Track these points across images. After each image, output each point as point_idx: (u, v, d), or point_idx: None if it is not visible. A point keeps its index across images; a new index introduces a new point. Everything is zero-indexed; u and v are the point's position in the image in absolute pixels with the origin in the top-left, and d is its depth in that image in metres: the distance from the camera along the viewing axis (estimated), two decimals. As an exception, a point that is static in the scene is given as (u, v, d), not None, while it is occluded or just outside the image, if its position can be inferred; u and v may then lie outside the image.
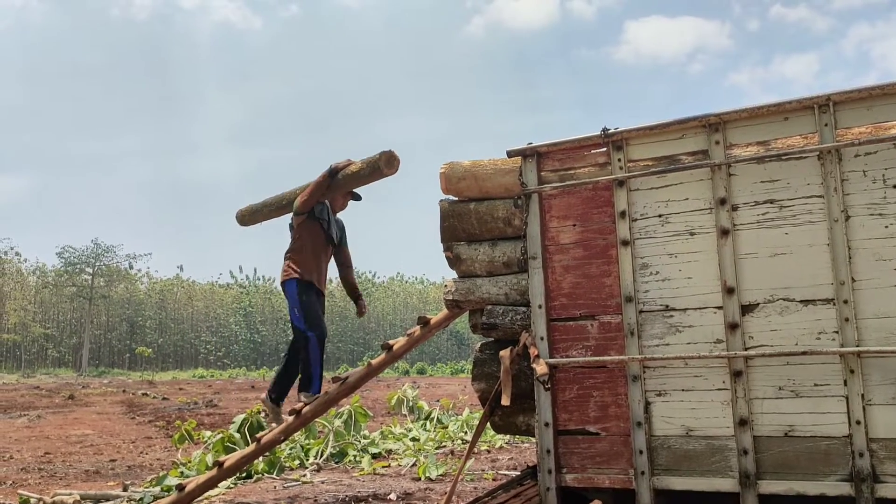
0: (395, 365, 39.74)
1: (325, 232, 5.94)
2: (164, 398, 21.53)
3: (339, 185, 5.80)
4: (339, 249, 6.18)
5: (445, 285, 4.37)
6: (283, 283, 5.93)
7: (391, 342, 5.54)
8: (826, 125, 3.37)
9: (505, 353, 3.98)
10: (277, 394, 5.97)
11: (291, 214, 5.93)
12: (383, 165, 5.54)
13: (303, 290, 5.81)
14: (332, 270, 6.31)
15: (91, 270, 53.51)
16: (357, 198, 6.12)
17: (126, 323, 57.45)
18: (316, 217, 5.87)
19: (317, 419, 8.07)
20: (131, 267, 55.93)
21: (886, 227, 3.24)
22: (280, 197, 6.37)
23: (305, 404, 5.55)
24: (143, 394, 22.63)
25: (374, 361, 5.60)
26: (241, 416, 9.65)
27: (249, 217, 6.78)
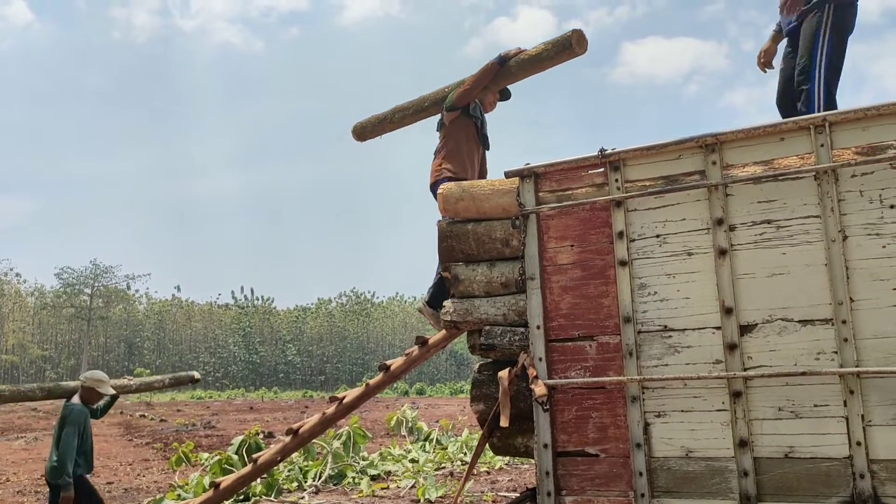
0: (394, 385, 39.61)
1: (479, 131, 5.59)
2: (161, 420, 21.42)
3: (510, 74, 5.34)
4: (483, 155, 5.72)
5: (444, 306, 4.36)
6: (433, 185, 5.39)
7: (389, 362, 5.52)
8: (822, 145, 3.38)
9: (503, 374, 3.96)
10: (431, 297, 5.54)
11: (443, 111, 5.53)
12: (575, 43, 4.97)
13: None
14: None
15: (89, 291, 53.48)
16: (507, 96, 5.72)
17: (124, 344, 57.31)
18: (470, 114, 5.52)
19: (315, 440, 8.04)
20: (129, 287, 55.94)
21: (884, 246, 3.24)
22: (420, 99, 5.90)
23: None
24: (141, 415, 22.52)
25: (371, 382, 5.58)
26: (240, 438, 9.61)
27: (374, 127, 6.22)
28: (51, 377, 51.79)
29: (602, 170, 3.90)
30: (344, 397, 5.58)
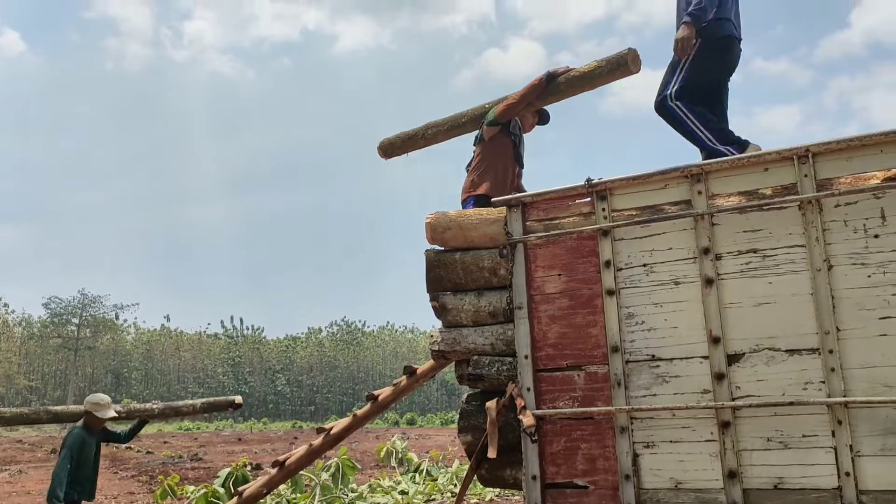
0: (385, 416, 39.28)
1: (516, 149, 5.43)
2: (148, 452, 21.14)
3: (557, 92, 5.20)
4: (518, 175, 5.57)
5: (431, 335, 4.34)
6: (465, 201, 5.28)
7: (376, 392, 5.48)
8: (806, 176, 3.40)
9: (491, 405, 3.93)
10: None
11: (482, 126, 5.38)
12: (631, 62, 4.85)
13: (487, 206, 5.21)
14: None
15: (77, 321, 53.04)
16: (545, 119, 5.60)
17: (111, 374, 56.75)
18: (510, 131, 5.37)
19: (303, 472, 7.92)
20: (118, 317, 55.52)
21: (869, 276, 3.25)
22: (457, 115, 5.73)
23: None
24: (127, 447, 22.21)
25: (359, 412, 5.53)
26: (227, 470, 9.49)
27: (404, 143, 6.04)
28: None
29: (589, 199, 3.91)
30: (331, 428, 5.52)
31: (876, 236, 3.26)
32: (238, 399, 6.68)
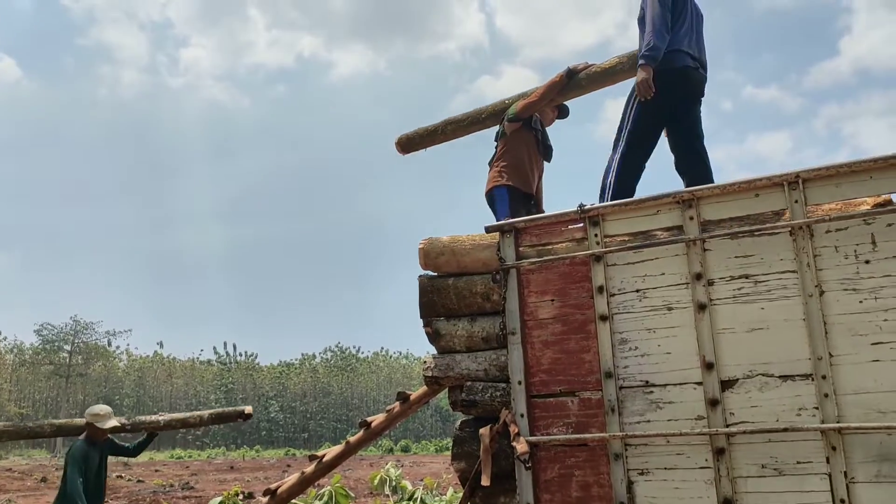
0: (378, 442, 38.96)
1: (540, 143, 5.52)
2: (139, 480, 20.89)
3: (578, 87, 5.24)
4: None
5: (424, 361, 4.32)
6: (490, 192, 5.37)
7: (369, 419, 5.45)
8: (796, 201, 3.42)
9: (484, 432, 3.91)
10: None
11: (503, 122, 5.47)
12: None
13: (515, 199, 5.31)
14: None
15: (69, 348, 52.67)
16: (565, 114, 5.65)
17: (103, 401, 56.19)
18: (531, 126, 5.47)
19: (296, 501, 7.83)
20: (110, 344, 55.17)
21: (861, 301, 3.26)
22: (477, 111, 5.79)
23: None
24: (118, 476, 21.93)
25: (352, 439, 5.49)
26: (218, 499, 9.39)
27: (423, 139, 6.06)
28: (26, 436, 50.57)
29: (581, 225, 3.92)
30: (324, 455, 5.48)
31: (867, 262, 3.28)
32: (248, 409, 6.49)
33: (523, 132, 5.42)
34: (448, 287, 4.24)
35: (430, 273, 4.38)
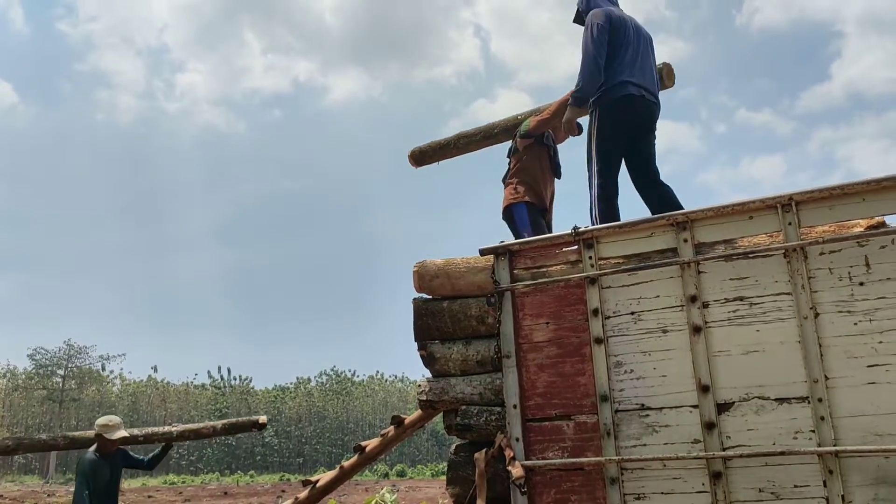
0: (374, 467, 38.62)
1: (552, 160, 5.49)
2: (131, 506, 20.64)
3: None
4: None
5: (419, 385, 4.30)
6: (507, 209, 5.35)
7: (364, 444, 5.40)
8: (790, 224, 3.43)
9: (479, 456, 3.88)
10: None
11: (515, 138, 5.47)
12: (665, 76, 4.96)
13: (533, 214, 5.30)
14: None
15: (62, 372, 52.30)
16: (579, 130, 5.41)
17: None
18: (544, 142, 5.44)
19: (288, 527, 7.73)
20: (104, 368, 54.79)
21: (856, 324, 3.26)
22: (489, 126, 5.76)
23: None
24: None
25: (346, 464, 5.44)
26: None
27: (435, 152, 6.06)
28: (19, 462, 50.06)
29: (576, 247, 3.92)
30: (317, 481, 5.42)
31: (861, 284, 3.28)
32: (262, 419, 6.29)
33: (536, 148, 5.42)
34: (443, 310, 4.23)
35: (425, 296, 4.37)
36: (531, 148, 5.41)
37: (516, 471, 3.70)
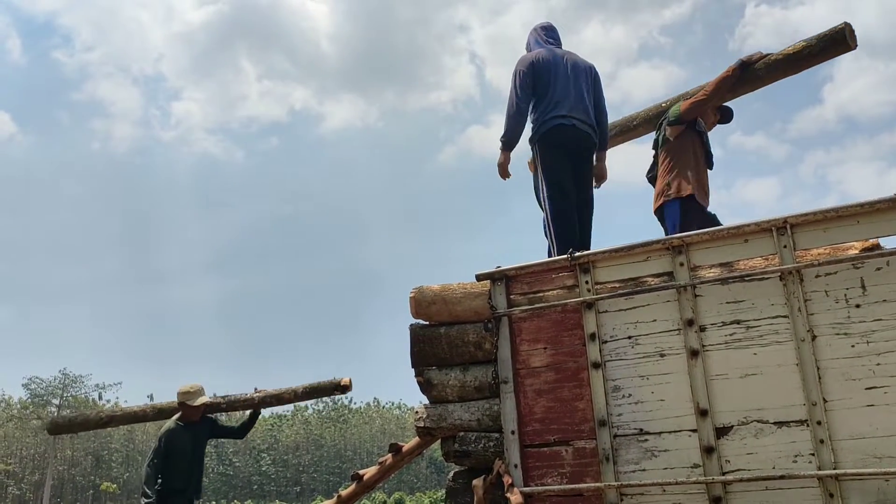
0: (372, 495, 38.28)
1: (706, 148, 5.00)
2: (126, 537, 20.41)
3: (755, 79, 4.77)
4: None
5: (416, 412, 4.27)
6: (662, 207, 4.89)
7: (361, 472, 5.35)
8: (785, 247, 3.44)
9: (478, 483, 3.84)
10: None
11: (663, 126, 5.01)
12: (849, 36, 4.43)
13: (692, 212, 4.78)
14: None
15: (58, 402, 51.92)
16: (728, 117, 5.18)
17: (91, 457, 55.22)
18: (696, 129, 4.95)
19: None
20: (101, 397, 54.42)
21: (853, 346, 3.25)
22: (627, 118, 5.33)
23: None
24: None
25: (343, 493, 5.38)
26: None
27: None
28: (13, 494, 49.50)
29: (572, 272, 3.93)
30: (315, 510, 5.36)
31: (857, 306, 3.28)
32: (345, 380, 5.99)
33: (688, 135, 4.92)
34: (440, 336, 4.22)
35: (422, 322, 4.36)
36: (683, 136, 4.91)
37: (515, 497, 3.67)
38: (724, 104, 5.16)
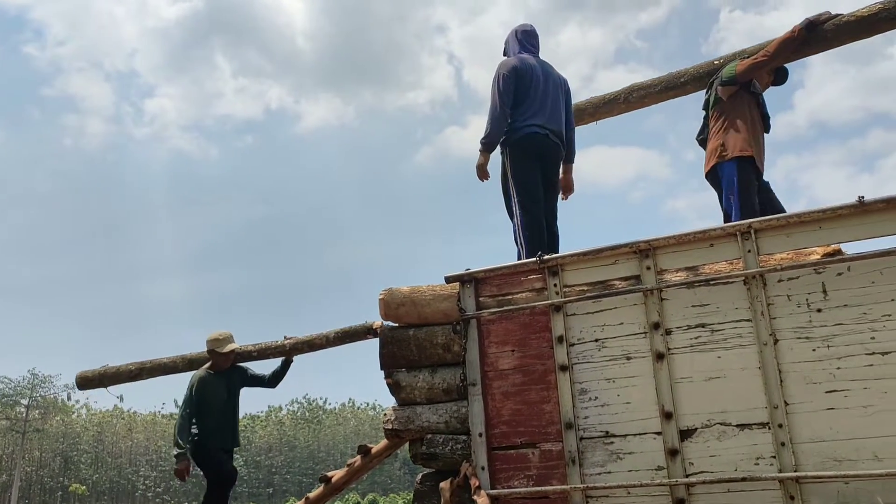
0: (345, 496, 38.10)
1: (762, 110, 4.78)
2: (94, 540, 20.13)
3: (822, 41, 4.53)
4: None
5: (385, 414, 4.26)
6: (713, 169, 4.69)
7: (330, 474, 5.31)
8: (749, 251, 3.48)
9: (445, 485, 3.84)
10: None
11: (714, 86, 4.82)
12: None
13: (747, 173, 4.55)
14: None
15: (26, 402, 51.08)
16: (783, 78, 4.92)
17: (60, 458, 54.39)
18: (751, 90, 4.74)
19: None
20: (69, 398, 53.62)
21: (814, 350, 3.30)
22: (674, 74, 5.08)
23: None
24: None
25: (311, 495, 5.34)
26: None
27: (597, 109, 5.50)
28: (-22, 496, 48.56)
29: (541, 275, 3.94)
30: (283, 512, 5.32)
31: (819, 311, 3.33)
32: (377, 324, 5.64)
33: (744, 96, 4.70)
34: (409, 338, 4.21)
35: (391, 324, 4.35)
36: (737, 96, 4.70)
37: (482, 500, 3.68)
38: (783, 66, 4.92)
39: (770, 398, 3.31)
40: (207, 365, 5.78)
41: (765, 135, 4.82)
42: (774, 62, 4.64)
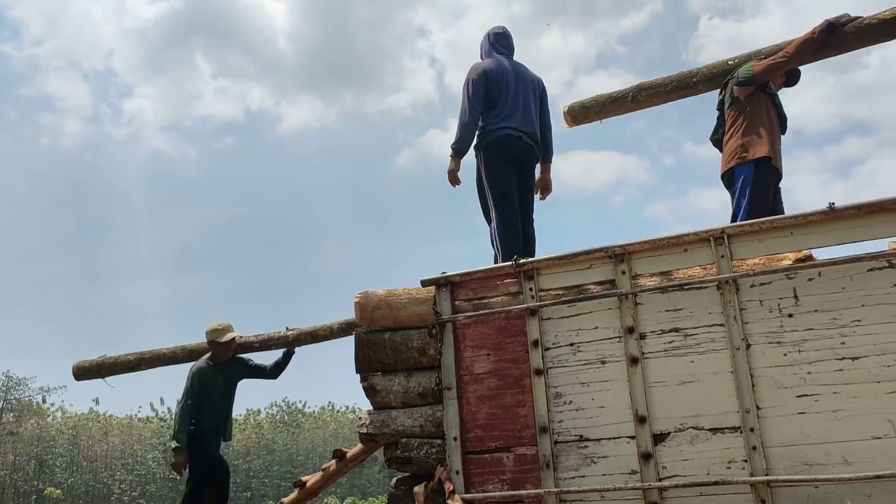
0: (323, 499, 37.92)
1: (779, 110, 4.69)
2: (68, 545, 19.88)
3: (842, 43, 4.44)
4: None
5: (360, 418, 4.24)
6: (730, 171, 4.58)
7: (304, 478, 5.29)
8: (723, 257, 3.51)
9: (419, 490, 3.83)
10: None
11: (730, 86, 4.73)
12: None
13: (766, 176, 4.47)
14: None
15: (0, 405, 50.38)
16: (795, 79, 4.87)
17: (34, 461, 53.65)
18: (767, 91, 4.65)
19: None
20: (45, 401, 52.94)
21: (785, 354, 3.33)
22: (685, 73, 4.99)
23: None
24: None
25: (286, 500, 5.31)
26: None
27: (602, 108, 5.32)
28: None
29: (517, 279, 3.95)
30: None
31: (790, 315, 3.36)
32: None
33: (762, 96, 4.63)
34: (384, 342, 4.20)
35: (367, 327, 4.33)
36: (754, 97, 4.62)
37: (456, 504, 3.67)
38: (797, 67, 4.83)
39: (742, 402, 3.34)
40: (207, 356, 5.73)
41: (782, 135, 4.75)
42: (793, 63, 4.59)
